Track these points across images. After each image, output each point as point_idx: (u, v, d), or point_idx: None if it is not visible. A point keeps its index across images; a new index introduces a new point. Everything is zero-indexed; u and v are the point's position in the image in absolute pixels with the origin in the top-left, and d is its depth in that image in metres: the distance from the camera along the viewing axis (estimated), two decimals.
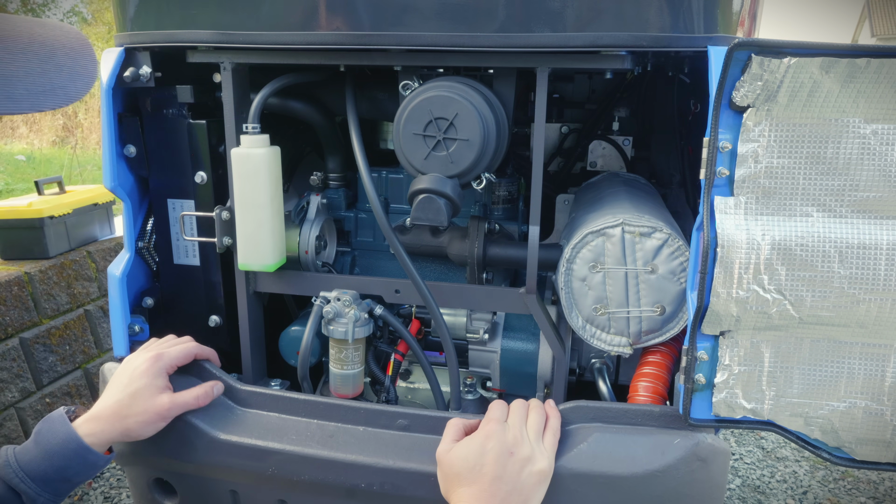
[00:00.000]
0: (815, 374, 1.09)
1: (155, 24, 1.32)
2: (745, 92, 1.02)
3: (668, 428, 1.18)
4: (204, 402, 1.31)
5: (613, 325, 1.29)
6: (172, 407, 1.26)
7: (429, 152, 1.28)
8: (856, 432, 1.10)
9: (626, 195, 1.44)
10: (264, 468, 1.28)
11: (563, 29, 1.13)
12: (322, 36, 1.21)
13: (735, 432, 3.16)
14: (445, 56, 1.24)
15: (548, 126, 1.95)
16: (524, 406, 1.20)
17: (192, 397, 1.29)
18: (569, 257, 1.28)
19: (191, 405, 1.29)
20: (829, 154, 1.03)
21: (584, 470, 1.15)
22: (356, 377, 1.44)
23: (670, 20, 1.12)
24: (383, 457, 1.23)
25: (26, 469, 1.12)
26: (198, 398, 1.30)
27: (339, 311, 1.39)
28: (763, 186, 1.05)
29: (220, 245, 1.42)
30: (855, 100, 1.00)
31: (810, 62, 0.99)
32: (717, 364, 1.11)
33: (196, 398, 1.30)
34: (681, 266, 1.22)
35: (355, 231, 1.71)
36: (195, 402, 1.30)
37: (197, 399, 1.30)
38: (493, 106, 1.30)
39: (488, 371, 1.57)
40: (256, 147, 1.34)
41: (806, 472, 2.90)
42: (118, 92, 1.40)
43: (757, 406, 1.12)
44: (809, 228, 1.04)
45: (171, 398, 1.26)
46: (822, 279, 1.04)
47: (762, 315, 1.07)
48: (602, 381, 1.45)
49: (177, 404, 1.27)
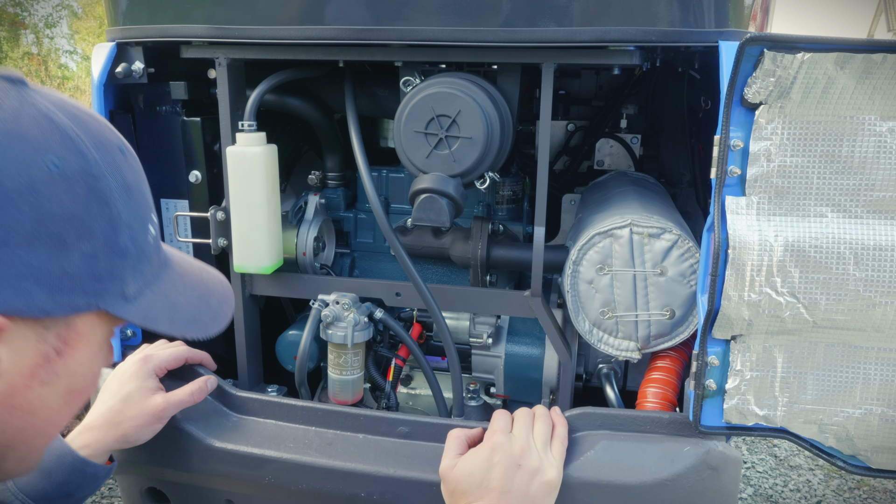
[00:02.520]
0: (830, 380, 1.09)
1: (148, 19, 1.32)
2: (757, 88, 1.02)
3: (677, 435, 1.18)
4: (199, 398, 1.31)
5: (621, 329, 1.29)
6: (167, 406, 1.26)
7: (430, 151, 1.28)
8: (872, 440, 1.10)
9: (634, 195, 1.44)
10: (261, 477, 1.28)
11: (570, 23, 1.13)
12: (320, 30, 1.21)
13: (747, 440, 3.15)
14: (448, 51, 1.24)
15: (553, 124, 1.94)
16: (529, 414, 1.19)
17: (187, 394, 1.29)
18: (575, 259, 1.28)
19: (186, 402, 1.29)
20: (843, 152, 1.03)
21: (592, 479, 1.15)
22: (355, 383, 1.44)
23: (680, 14, 1.12)
24: (383, 465, 1.23)
25: (25, 490, 1.12)
26: (192, 394, 1.30)
27: (338, 315, 1.39)
28: (776, 186, 1.05)
29: (215, 246, 1.42)
30: (871, 96, 1.00)
31: (824, 58, 0.99)
32: (728, 369, 1.11)
33: (191, 394, 1.29)
34: (691, 268, 1.23)
35: (355, 232, 1.71)
36: (190, 399, 1.29)
37: (192, 395, 1.29)
38: (496, 103, 1.30)
39: (492, 377, 1.57)
40: (252, 145, 1.34)
41: (820, 481, 2.89)
42: (109, 88, 1.41)
43: (769, 413, 1.12)
44: (824, 229, 1.04)
45: (164, 398, 1.26)
46: (837, 282, 1.04)
47: (775, 319, 1.07)
48: (609, 387, 1.45)
49: (171, 403, 1.26)
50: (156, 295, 0.79)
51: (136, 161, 0.78)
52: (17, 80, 0.68)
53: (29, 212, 0.64)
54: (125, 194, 0.73)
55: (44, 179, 0.64)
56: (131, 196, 0.74)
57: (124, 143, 0.77)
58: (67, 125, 0.68)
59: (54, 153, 0.66)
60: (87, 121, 0.72)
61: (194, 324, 0.84)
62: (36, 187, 0.64)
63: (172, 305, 0.81)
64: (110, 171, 0.71)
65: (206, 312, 0.87)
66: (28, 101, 0.67)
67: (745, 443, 3.16)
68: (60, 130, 0.67)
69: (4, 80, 0.67)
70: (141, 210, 0.76)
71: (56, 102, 0.70)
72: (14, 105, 0.66)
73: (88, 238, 0.69)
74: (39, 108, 0.67)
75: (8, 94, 0.66)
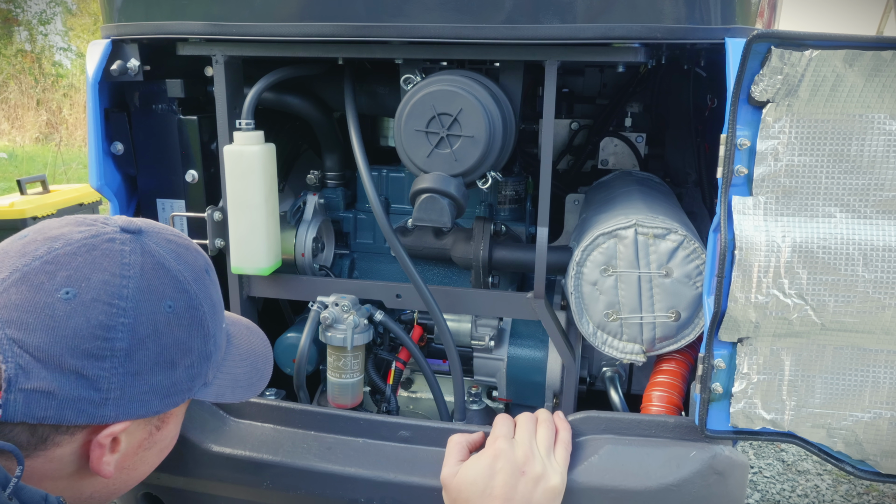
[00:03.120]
0: (839, 384, 1.09)
1: (143, 15, 1.32)
2: (764, 86, 1.02)
3: (683, 440, 1.18)
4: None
5: (626, 332, 1.29)
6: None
7: (431, 150, 1.28)
8: (881, 444, 1.10)
9: (639, 195, 1.44)
10: (258, 482, 1.28)
11: (573, 20, 1.13)
12: (319, 27, 1.21)
13: (754, 444, 3.15)
14: (449, 48, 1.25)
15: (557, 122, 1.95)
16: (532, 419, 1.19)
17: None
18: (579, 260, 1.28)
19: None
20: (852, 152, 1.03)
21: (596, 484, 1.15)
22: (355, 386, 1.44)
23: (686, 10, 1.12)
24: (384, 470, 1.23)
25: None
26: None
27: (338, 317, 1.39)
28: (783, 186, 1.05)
29: (211, 247, 1.42)
30: (880, 94, 1.00)
31: (833, 55, 0.99)
32: (734, 373, 1.11)
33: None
34: (697, 269, 1.23)
35: (354, 232, 1.71)
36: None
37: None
38: (499, 101, 1.30)
39: (494, 380, 1.57)
40: (250, 144, 1.34)
41: (828, 487, 2.89)
42: (105, 86, 1.41)
43: (777, 417, 1.12)
44: (832, 230, 1.04)
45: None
46: (846, 283, 1.04)
47: (782, 321, 1.07)
48: (614, 391, 1.45)
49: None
50: (223, 374, 1.00)
51: (215, 276, 0.99)
52: (135, 231, 0.89)
53: (154, 348, 0.86)
54: (212, 311, 0.94)
55: (164, 321, 0.86)
56: (216, 311, 0.96)
57: (209, 264, 0.98)
58: (175, 268, 0.89)
59: (170, 297, 0.87)
60: (185, 255, 0.93)
61: (248, 388, 1.05)
62: (159, 329, 0.86)
63: (234, 379, 1.02)
64: (204, 298, 0.92)
65: (255, 375, 1.07)
66: (147, 251, 0.88)
67: (751, 447, 3.16)
68: (171, 276, 0.89)
69: (127, 233, 0.88)
70: (219, 317, 0.98)
71: (164, 244, 0.90)
72: (139, 260, 0.86)
73: (189, 355, 0.91)
74: (156, 257, 0.88)
75: (133, 250, 0.86)
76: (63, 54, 14.44)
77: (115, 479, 0.93)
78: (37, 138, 11.10)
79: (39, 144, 10.85)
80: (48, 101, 12.11)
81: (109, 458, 0.88)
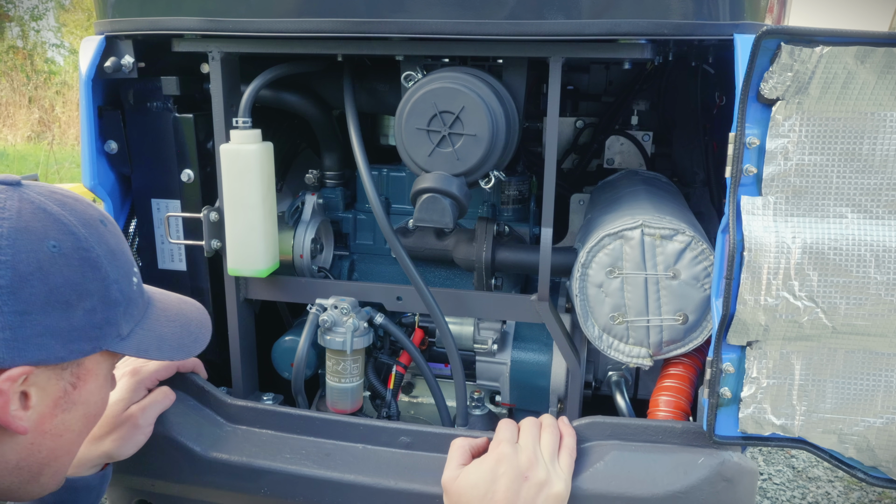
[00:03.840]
0: (850, 388, 1.09)
1: (138, 11, 1.32)
2: (774, 83, 1.02)
3: (691, 446, 1.18)
4: (173, 396, 1.32)
5: (632, 335, 1.29)
6: (140, 412, 1.26)
7: (433, 148, 1.28)
8: (894, 450, 1.10)
9: (645, 195, 1.44)
10: (256, 489, 1.28)
11: (578, 16, 1.13)
12: (318, 23, 1.21)
13: (763, 450, 3.15)
14: (451, 45, 1.25)
15: (561, 120, 1.94)
16: (536, 424, 1.19)
17: (161, 394, 1.30)
18: (584, 262, 1.28)
19: (161, 402, 1.30)
20: (864, 150, 1.03)
21: (601, 491, 1.15)
22: (355, 391, 1.44)
23: (693, 6, 1.12)
24: (384, 477, 1.24)
25: None
26: (166, 394, 1.31)
27: (337, 320, 1.40)
28: (793, 185, 1.05)
29: (208, 248, 1.42)
30: (893, 92, 1.00)
31: (844, 51, 0.99)
32: (743, 377, 1.11)
33: (165, 394, 1.31)
34: (705, 271, 1.23)
35: (354, 233, 1.71)
36: (164, 398, 1.30)
37: (166, 395, 1.31)
38: (502, 98, 1.30)
39: (497, 384, 1.57)
40: (247, 143, 1.34)
41: (840, 494, 2.89)
42: (98, 83, 1.41)
43: (787, 422, 1.12)
44: (843, 230, 1.04)
45: (138, 405, 1.27)
46: (858, 285, 1.04)
47: (792, 324, 1.07)
48: (620, 396, 1.45)
49: (144, 407, 1.27)
50: (145, 331, 1.02)
51: (116, 228, 1.01)
52: (13, 182, 0.91)
53: (40, 286, 0.86)
54: (111, 257, 0.95)
55: (48, 259, 0.87)
56: (115, 258, 0.97)
57: (104, 216, 0.99)
58: (58, 212, 0.91)
59: (52, 238, 0.88)
60: (72, 204, 0.94)
61: (179, 349, 1.08)
62: (43, 267, 0.87)
63: (160, 337, 1.04)
64: (96, 242, 0.93)
65: (187, 337, 1.10)
66: (25, 198, 0.89)
67: (761, 453, 3.15)
68: (54, 218, 0.90)
69: (3, 185, 0.90)
70: (124, 267, 0.99)
71: (46, 194, 0.92)
72: (15, 205, 0.88)
73: (87, 297, 0.91)
74: (35, 202, 0.89)
75: (10, 196, 0.88)
76: (56, 51, 14.45)
77: (40, 444, 0.93)
78: (29, 137, 11.11)
79: (31, 143, 10.86)
80: (40, 99, 12.12)
81: (21, 413, 0.88)
